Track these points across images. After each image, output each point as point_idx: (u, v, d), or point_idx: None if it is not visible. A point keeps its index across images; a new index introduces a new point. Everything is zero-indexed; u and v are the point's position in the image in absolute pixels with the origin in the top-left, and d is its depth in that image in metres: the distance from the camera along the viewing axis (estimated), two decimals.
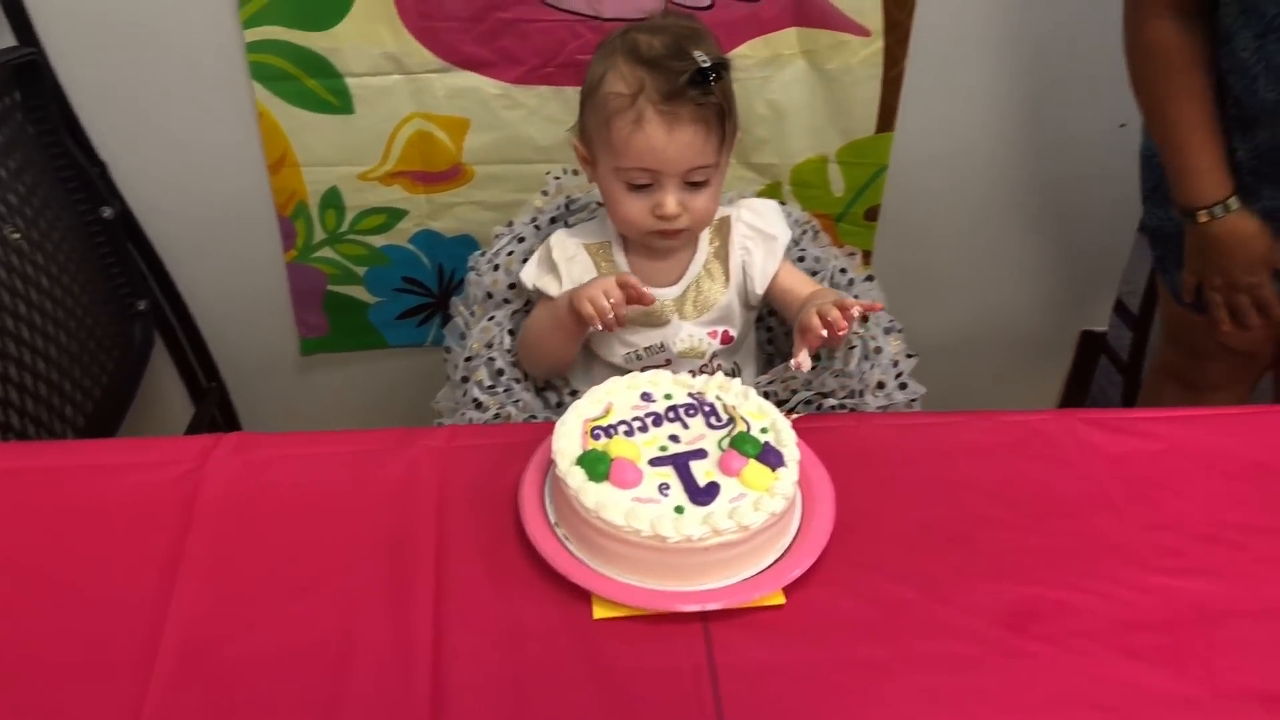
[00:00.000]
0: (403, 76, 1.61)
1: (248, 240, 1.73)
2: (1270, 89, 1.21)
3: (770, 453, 0.97)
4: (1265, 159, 1.28)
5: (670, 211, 1.14)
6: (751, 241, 1.26)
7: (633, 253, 1.24)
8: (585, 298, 1.10)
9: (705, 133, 1.12)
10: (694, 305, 1.25)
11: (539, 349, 1.23)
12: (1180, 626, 0.91)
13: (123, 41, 1.52)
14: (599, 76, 1.14)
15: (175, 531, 0.97)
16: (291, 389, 1.91)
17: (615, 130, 1.11)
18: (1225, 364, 1.43)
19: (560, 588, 0.93)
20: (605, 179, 1.17)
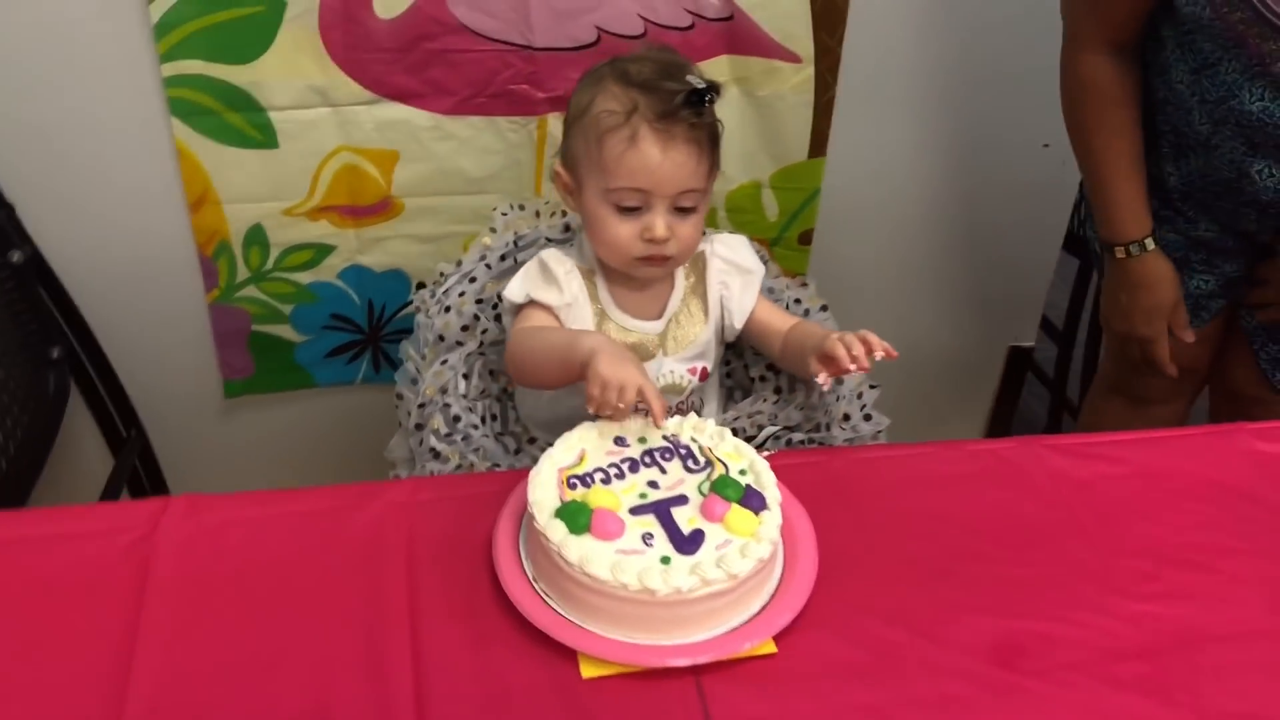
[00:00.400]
0: (329, 109, 1.56)
1: (167, 282, 1.66)
2: (1204, 121, 1.24)
3: (752, 495, 0.95)
4: (1196, 185, 1.31)
5: (660, 234, 1.11)
6: (728, 276, 1.24)
7: (614, 283, 1.21)
8: (604, 384, 0.99)
9: (698, 155, 1.11)
10: (675, 341, 1.23)
11: (533, 373, 1.16)
12: (1163, 654, 0.92)
13: (31, 76, 1.44)
14: (588, 100, 1.12)
15: (127, 607, 0.91)
16: (216, 434, 1.83)
17: (608, 148, 1.10)
18: (1166, 380, 1.46)
19: (544, 646, 0.89)
20: (592, 203, 1.14)
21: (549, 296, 1.17)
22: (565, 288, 1.17)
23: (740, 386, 1.32)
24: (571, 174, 1.17)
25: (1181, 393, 1.53)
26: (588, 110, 1.12)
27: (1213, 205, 1.32)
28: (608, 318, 1.20)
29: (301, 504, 1.02)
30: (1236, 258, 1.39)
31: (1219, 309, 1.44)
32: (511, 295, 1.19)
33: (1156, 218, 1.38)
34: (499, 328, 1.27)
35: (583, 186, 1.15)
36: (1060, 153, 1.81)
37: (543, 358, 1.11)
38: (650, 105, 1.08)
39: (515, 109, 1.61)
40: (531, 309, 1.18)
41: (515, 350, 1.16)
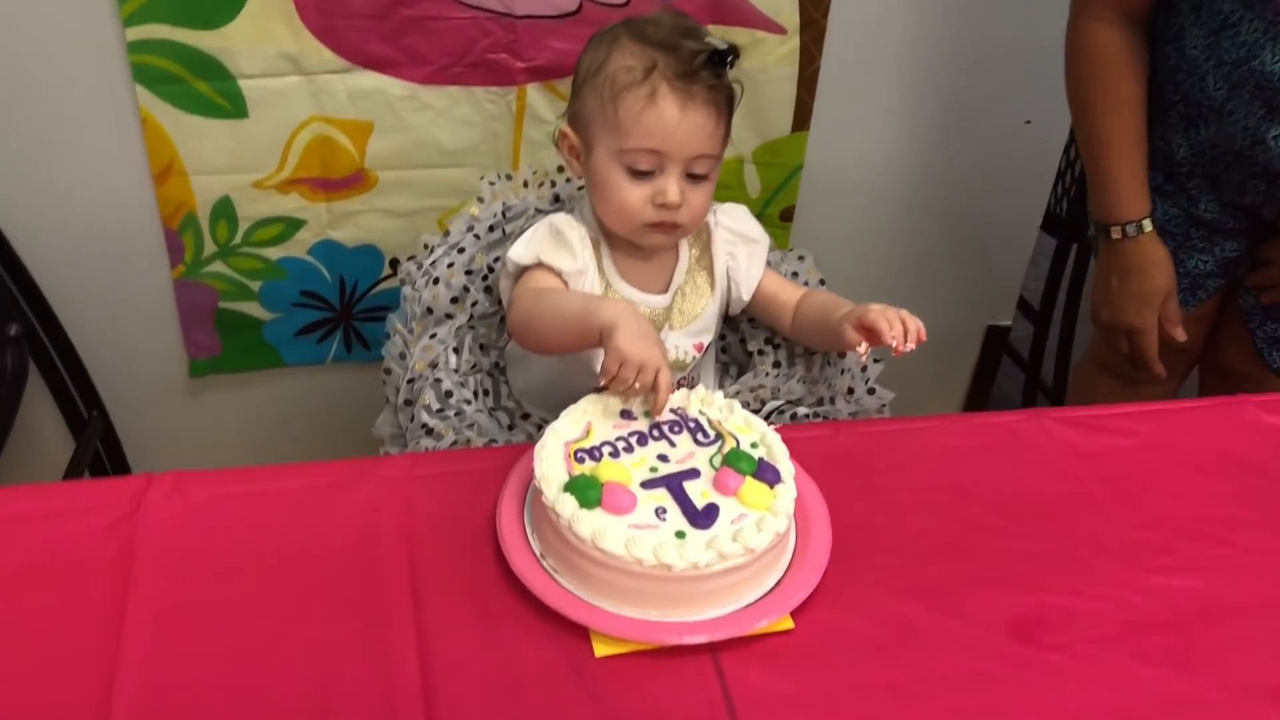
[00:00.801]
0: (301, 78, 1.50)
1: (130, 256, 1.60)
2: (1219, 86, 1.22)
3: (766, 469, 0.92)
4: (1205, 157, 1.30)
5: (673, 199, 1.07)
6: (734, 247, 1.21)
7: (619, 253, 1.17)
8: (625, 360, 0.95)
9: (715, 118, 1.07)
10: (681, 314, 1.19)
11: (543, 337, 1.10)
12: (1185, 627, 0.91)
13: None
14: (603, 58, 1.08)
15: (113, 589, 0.86)
16: (182, 416, 1.77)
17: (624, 107, 1.06)
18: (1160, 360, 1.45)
19: (555, 625, 0.86)
20: (602, 166, 1.10)
21: (560, 261, 1.12)
22: (578, 254, 1.13)
23: (735, 361, 1.29)
24: (580, 135, 1.12)
25: (1173, 373, 1.52)
26: (603, 68, 1.08)
27: (1220, 177, 1.31)
28: (612, 289, 1.16)
29: (292, 480, 0.98)
30: (1237, 238, 1.37)
31: (1216, 289, 1.43)
32: (518, 257, 1.14)
33: (1159, 192, 1.36)
34: (489, 299, 1.23)
35: (592, 147, 1.11)
36: (1041, 130, 1.82)
37: (556, 321, 1.06)
38: (670, 64, 1.05)
39: (494, 79, 1.56)
40: (539, 272, 1.13)
41: (524, 312, 1.10)
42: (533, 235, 1.15)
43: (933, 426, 1.10)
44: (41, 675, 0.80)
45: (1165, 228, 1.37)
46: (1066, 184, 1.94)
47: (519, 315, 1.11)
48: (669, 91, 1.05)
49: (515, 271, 1.15)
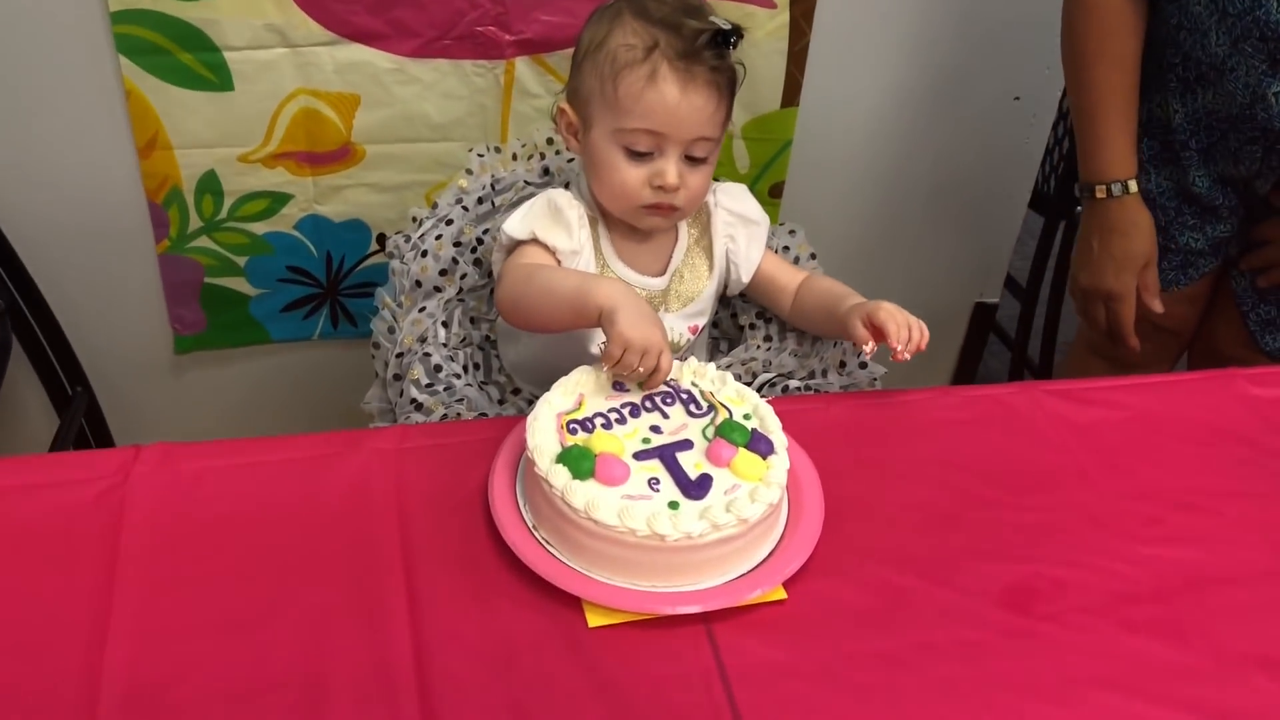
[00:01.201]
0: (287, 50, 1.49)
1: (115, 231, 1.58)
2: (1221, 42, 1.21)
3: (759, 439, 0.92)
4: (1202, 124, 1.29)
5: (671, 181, 1.06)
6: (734, 229, 1.20)
7: (616, 233, 1.16)
8: (628, 344, 0.94)
9: (716, 99, 1.06)
10: (677, 296, 1.18)
11: (534, 315, 1.08)
12: (1175, 597, 0.91)
13: None
14: (604, 34, 1.06)
15: (101, 561, 0.85)
16: (167, 392, 1.76)
17: (625, 85, 1.04)
18: (1152, 343, 1.45)
19: (548, 596, 0.86)
20: (600, 145, 1.09)
21: (555, 239, 1.10)
22: (574, 233, 1.11)
23: (727, 336, 1.28)
24: (578, 112, 1.11)
25: (1165, 355, 1.52)
26: (603, 44, 1.06)
27: (1215, 147, 1.30)
28: (609, 270, 1.15)
29: (281, 452, 0.97)
30: (1228, 218, 1.37)
31: (1208, 268, 1.43)
32: (512, 230, 1.11)
33: (1152, 162, 1.36)
34: (479, 272, 1.22)
35: (591, 126, 1.09)
36: (1031, 106, 1.81)
37: (548, 300, 1.04)
38: (672, 43, 1.03)
39: (482, 52, 1.55)
40: (531, 247, 1.11)
41: (513, 288, 1.08)
42: (529, 209, 1.13)
43: (924, 399, 1.09)
44: (30, 648, 0.79)
45: (1157, 201, 1.37)
46: (1054, 161, 1.93)
47: (508, 292, 1.09)
48: (670, 72, 1.03)
49: (508, 244, 1.13)
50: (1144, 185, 1.38)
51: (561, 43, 1.55)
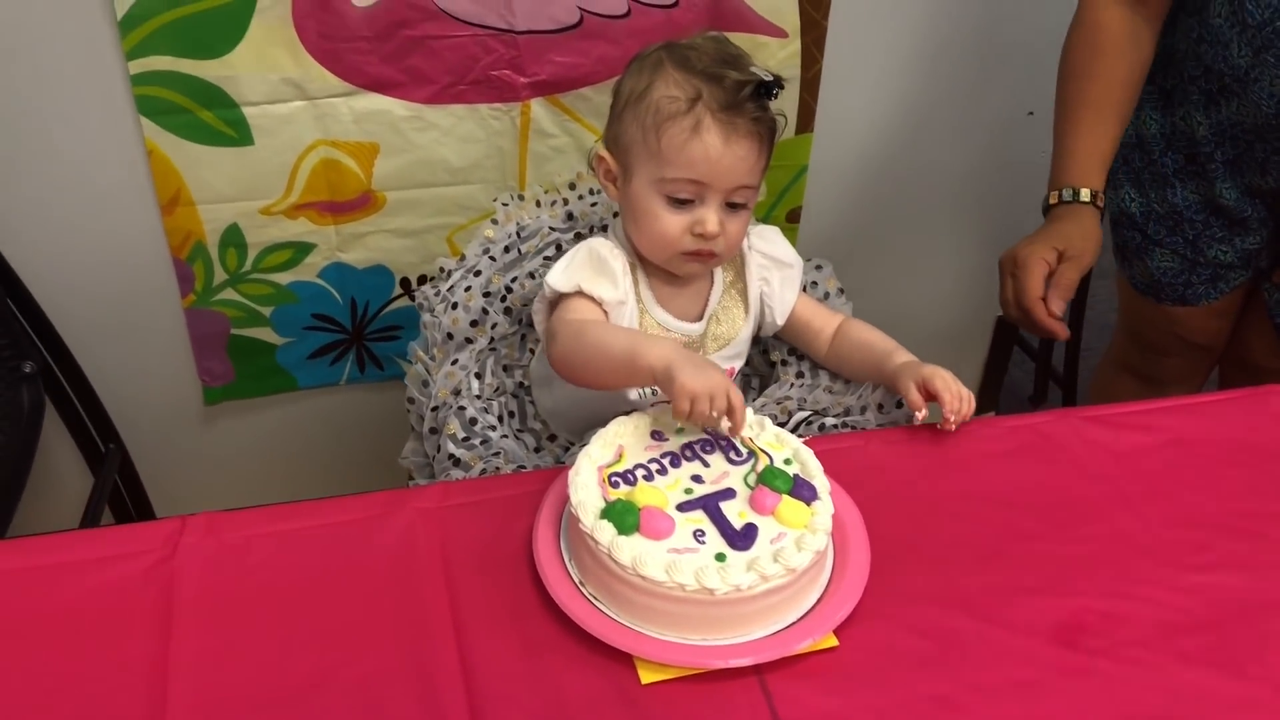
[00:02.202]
0: (305, 102, 1.50)
1: (141, 287, 1.59)
2: (1243, 53, 1.21)
3: (802, 485, 0.92)
4: (1227, 135, 1.29)
5: (712, 230, 1.07)
6: (768, 272, 1.20)
7: (655, 278, 1.16)
8: (695, 397, 0.93)
9: (758, 150, 1.07)
10: (714, 339, 1.19)
11: (589, 375, 1.06)
12: (1227, 625, 0.91)
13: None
14: (645, 85, 1.07)
15: (155, 635, 0.86)
16: (198, 443, 1.77)
17: (668, 137, 1.05)
18: (1183, 359, 1.45)
19: (598, 652, 0.86)
20: (640, 193, 1.09)
21: (602, 290, 1.10)
22: (619, 282, 1.11)
23: (758, 373, 1.28)
24: (619, 160, 1.11)
25: (1196, 371, 1.51)
26: (645, 95, 1.07)
27: (1242, 158, 1.29)
28: (647, 314, 1.15)
29: (325, 516, 0.97)
30: (1257, 230, 1.36)
31: (1239, 281, 1.42)
32: (557, 284, 1.11)
33: (1180, 175, 1.35)
34: (509, 320, 1.23)
35: (632, 175, 1.09)
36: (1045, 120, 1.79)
37: (601, 360, 1.03)
38: (715, 95, 1.04)
39: (497, 95, 1.56)
40: (579, 300, 1.11)
41: (568, 348, 1.07)
42: (571, 261, 1.13)
43: (962, 431, 1.09)
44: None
45: (1184, 215, 1.36)
46: None
47: (561, 351, 1.08)
48: (713, 124, 1.04)
49: (553, 297, 1.13)
50: (1170, 199, 1.37)
51: (575, 82, 1.56)
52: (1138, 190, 1.40)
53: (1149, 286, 1.45)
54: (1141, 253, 1.43)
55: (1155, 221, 1.40)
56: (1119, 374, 1.55)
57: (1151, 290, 1.45)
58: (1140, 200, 1.40)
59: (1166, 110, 1.35)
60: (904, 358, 1.14)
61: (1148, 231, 1.41)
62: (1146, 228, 1.41)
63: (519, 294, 1.23)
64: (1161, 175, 1.37)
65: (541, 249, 1.25)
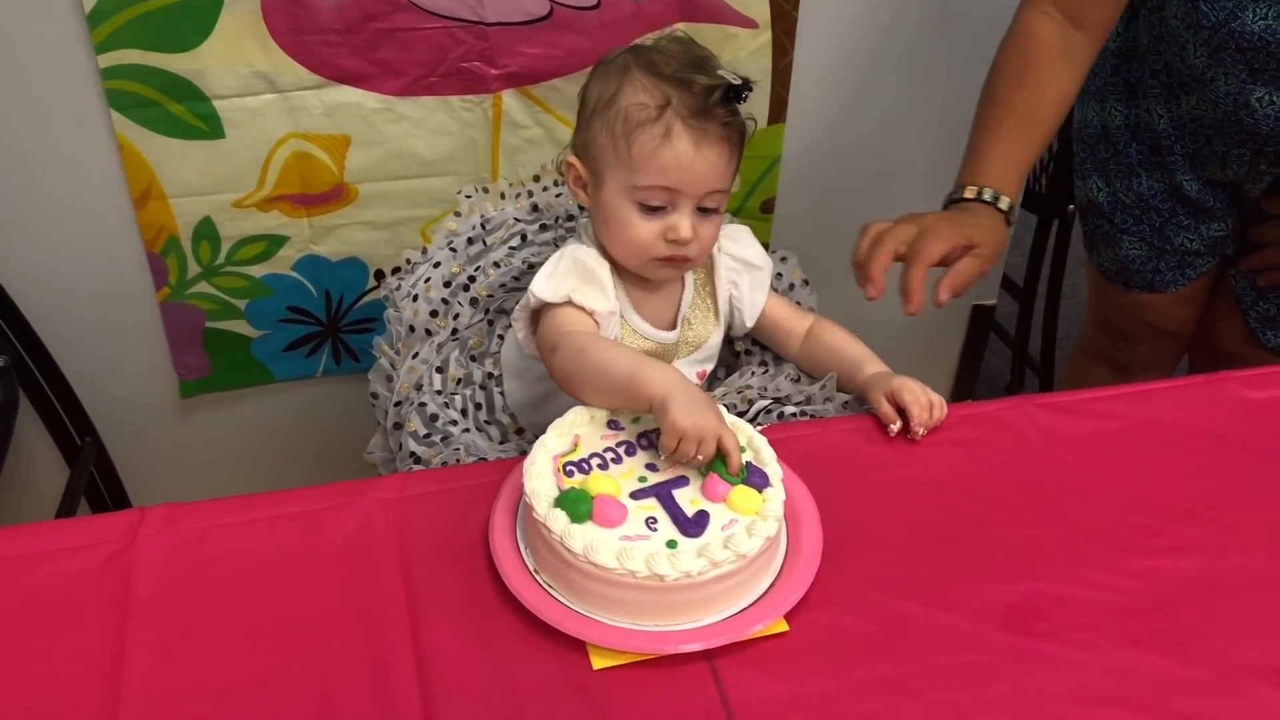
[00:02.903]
0: (276, 95, 1.50)
1: (115, 281, 1.60)
2: (1199, 54, 1.22)
3: (754, 473, 0.93)
4: (1187, 129, 1.30)
5: (685, 235, 1.06)
6: (737, 275, 1.20)
7: (629, 284, 1.15)
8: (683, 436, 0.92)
9: (728, 155, 1.07)
10: (686, 343, 1.19)
11: (588, 394, 1.03)
12: (1175, 609, 0.92)
13: None
14: (613, 91, 1.06)
15: (111, 626, 0.86)
16: (174, 436, 1.77)
17: (638, 144, 1.04)
18: (1153, 346, 1.46)
19: (552, 639, 0.87)
20: (612, 200, 1.08)
21: (593, 301, 1.09)
22: (609, 293, 1.11)
23: (723, 363, 1.29)
24: (589, 167, 1.11)
25: (1166, 358, 1.52)
26: (614, 101, 1.06)
27: (1202, 152, 1.30)
28: (626, 323, 1.15)
29: (284, 507, 0.98)
30: (1221, 218, 1.37)
31: (1206, 268, 1.42)
32: (543, 294, 1.08)
33: (1144, 165, 1.35)
34: (474, 310, 1.23)
35: (603, 182, 1.09)
36: None
37: (602, 381, 1.01)
38: (684, 100, 1.03)
39: (468, 88, 1.56)
40: (570, 312, 1.09)
41: (570, 364, 1.04)
42: (556, 268, 1.11)
43: None
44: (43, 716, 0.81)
45: (1150, 203, 1.37)
46: (1044, 161, 1.94)
47: (562, 368, 1.05)
48: (684, 130, 1.03)
49: (537, 306, 1.11)
50: (1136, 188, 1.38)
51: (546, 74, 1.57)
52: (1104, 180, 1.41)
53: (1118, 274, 1.46)
54: (1110, 241, 1.44)
55: (1122, 211, 1.41)
56: (1091, 362, 1.56)
57: (1121, 277, 1.46)
58: (1107, 190, 1.41)
59: (1130, 102, 1.35)
60: (874, 368, 1.14)
61: (1115, 220, 1.42)
62: (1114, 217, 1.42)
63: (484, 283, 1.24)
64: (1127, 165, 1.38)
65: (507, 239, 1.26)
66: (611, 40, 1.56)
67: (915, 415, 1.07)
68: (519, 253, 1.26)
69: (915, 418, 1.07)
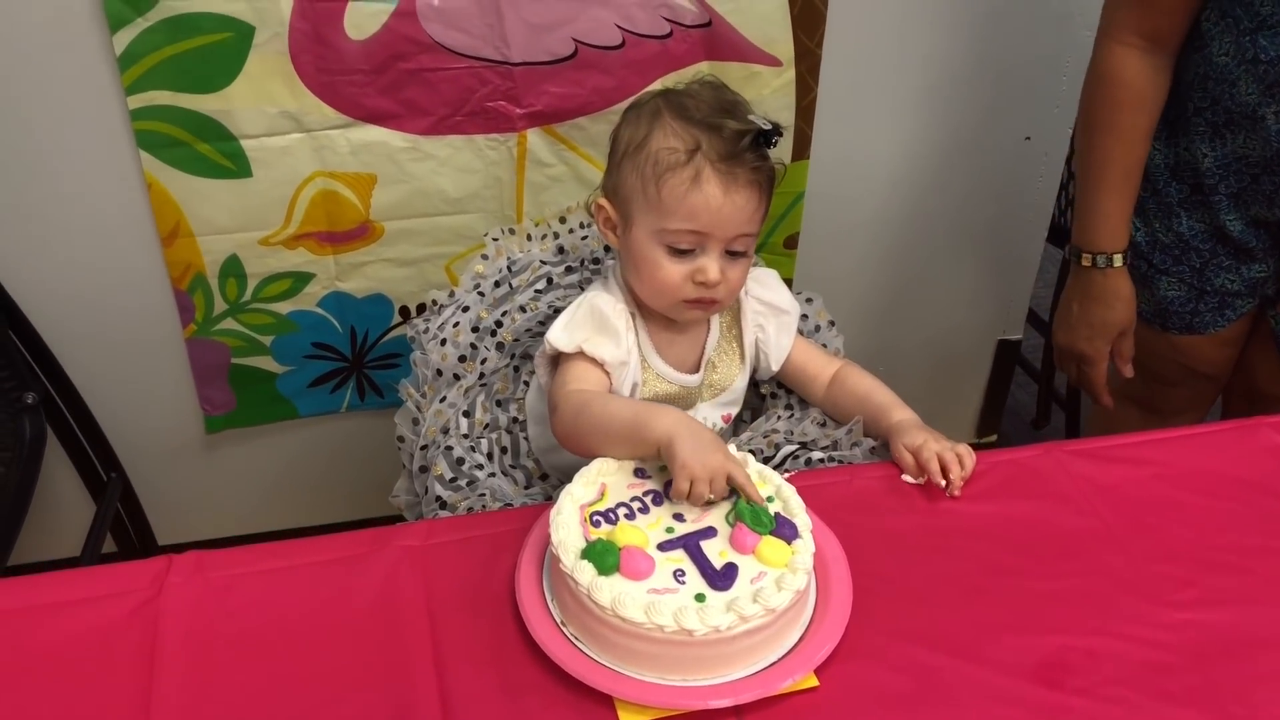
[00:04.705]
0: (303, 135, 1.52)
1: (142, 318, 1.61)
2: (1251, 91, 1.20)
3: (783, 524, 0.92)
4: (1232, 168, 1.27)
5: (713, 278, 1.07)
6: (764, 318, 1.20)
7: (653, 326, 1.16)
8: (694, 478, 0.93)
9: (757, 199, 1.07)
10: (710, 386, 1.19)
11: (593, 445, 1.03)
12: (1210, 664, 0.90)
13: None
14: (643, 135, 1.07)
15: (140, 675, 0.86)
16: (199, 472, 1.78)
17: (667, 188, 1.05)
18: (1188, 389, 1.43)
19: (579, 693, 0.86)
20: (641, 243, 1.09)
21: (603, 351, 1.09)
22: (622, 340, 1.11)
23: (748, 406, 1.28)
24: (619, 210, 1.11)
25: (1202, 399, 1.50)
26: (644, 145, 1.07)
27: (1247, 191, 1.28)
28: (648, 366, 1.15)
29: (311, 554, 0.98)
30: (1263, 259, 1.34)
31: (1246, 309, 1.40)
32: (557, 342, 1.10)
33: (1185, 205, 1.33)
34: (500, 355, 1.23)
35: (632, 224, 1.10)
36: (1042, 145, 1.82)
37: (605, 432, 1.02)
38: (714, 145, 1.04)
39: (493, 126, 1.57)
40: (580, 363, 1.10)
41: (569, 420, 1.05)
42: (573, 317, 1.12)
43: None
44: None
45: (1190, 244, 1.35)
46: (1070, 195, 1.93)
47: (564, 425, 1.06)
48: (713, 175, 1.04)
49: (553, 354, 1.12)
50: (1176, 228, 1.35)
51: (570, 112, 1.58)
52: (1143, 220, 1.39)
53: (1156, 315, 1.43)
54: (1147, 281, 1.42)
55: (1161, 251, 1.39)
56: (1122, 404, 1.53)
57: (1158, 319, 1.44)
58: (1145, 230, 1.39)
59: (1171, 142, 1.33)
60: (899, 415, 1.13)
61: (1154, 261, 1.40)
62: (1152, 257, 1.40)
63: (510, 328, 1.24)
64: (1167, 205, 1.36)
65: (532, 282, 1.26)
66: (635, 79, 1.57)
67: (933, 475, 1.06)
68: (544, 296, 1.26)
69: (934, 475, 1.06)
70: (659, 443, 0.95)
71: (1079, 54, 1.70)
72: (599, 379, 1.10)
